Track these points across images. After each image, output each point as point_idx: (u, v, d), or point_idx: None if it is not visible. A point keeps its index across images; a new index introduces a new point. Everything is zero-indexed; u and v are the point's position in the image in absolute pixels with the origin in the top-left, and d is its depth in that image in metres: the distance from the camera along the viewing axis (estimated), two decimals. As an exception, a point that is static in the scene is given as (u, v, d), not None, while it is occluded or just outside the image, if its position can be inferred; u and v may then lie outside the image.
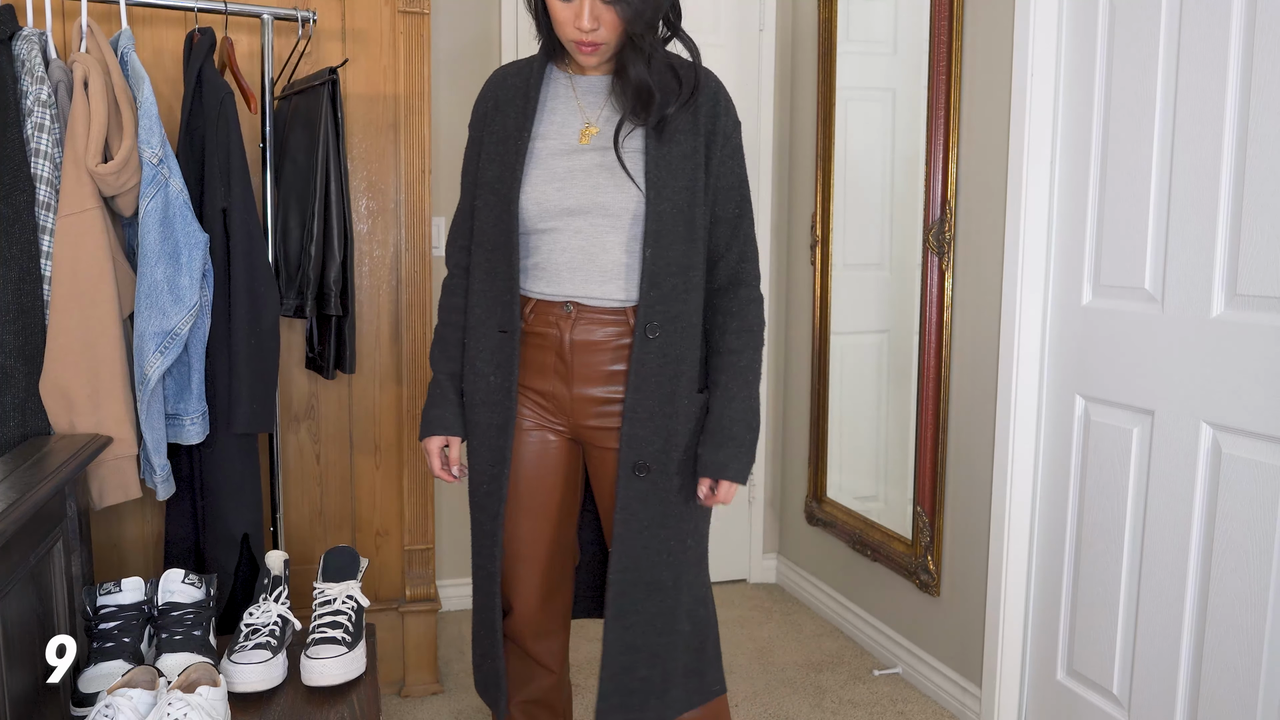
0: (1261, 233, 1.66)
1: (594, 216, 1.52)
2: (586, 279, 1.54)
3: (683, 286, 1.55)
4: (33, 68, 1.77)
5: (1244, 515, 1.71)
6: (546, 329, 1.57)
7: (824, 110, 2.91)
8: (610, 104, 1.57)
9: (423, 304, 2.43)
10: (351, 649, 1.70)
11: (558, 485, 1.64)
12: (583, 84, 1.59)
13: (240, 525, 2.05)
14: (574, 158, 1.54)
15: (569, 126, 1.56)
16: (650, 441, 1.54)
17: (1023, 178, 2.12)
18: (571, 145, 1.55)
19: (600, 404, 1.58)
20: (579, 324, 1.55)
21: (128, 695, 1.36)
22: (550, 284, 1.56)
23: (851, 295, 2.93)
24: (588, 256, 1.54)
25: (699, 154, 1.55)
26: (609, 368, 1.57)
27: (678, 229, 1.53)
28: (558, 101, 1.58)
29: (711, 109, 1.57)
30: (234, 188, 1.94)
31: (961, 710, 2.38)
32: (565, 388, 1.58)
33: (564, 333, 1.56)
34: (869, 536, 2.74)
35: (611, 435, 1.58)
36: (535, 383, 1.60)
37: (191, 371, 1.92)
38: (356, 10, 2.34)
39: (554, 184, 1.53)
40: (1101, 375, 2.01)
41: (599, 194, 1.52)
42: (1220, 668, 1.76)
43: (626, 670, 1.57)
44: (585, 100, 1.58)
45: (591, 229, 1.53)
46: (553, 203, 1.52)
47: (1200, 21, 1.75)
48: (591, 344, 1.56)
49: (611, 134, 1.53)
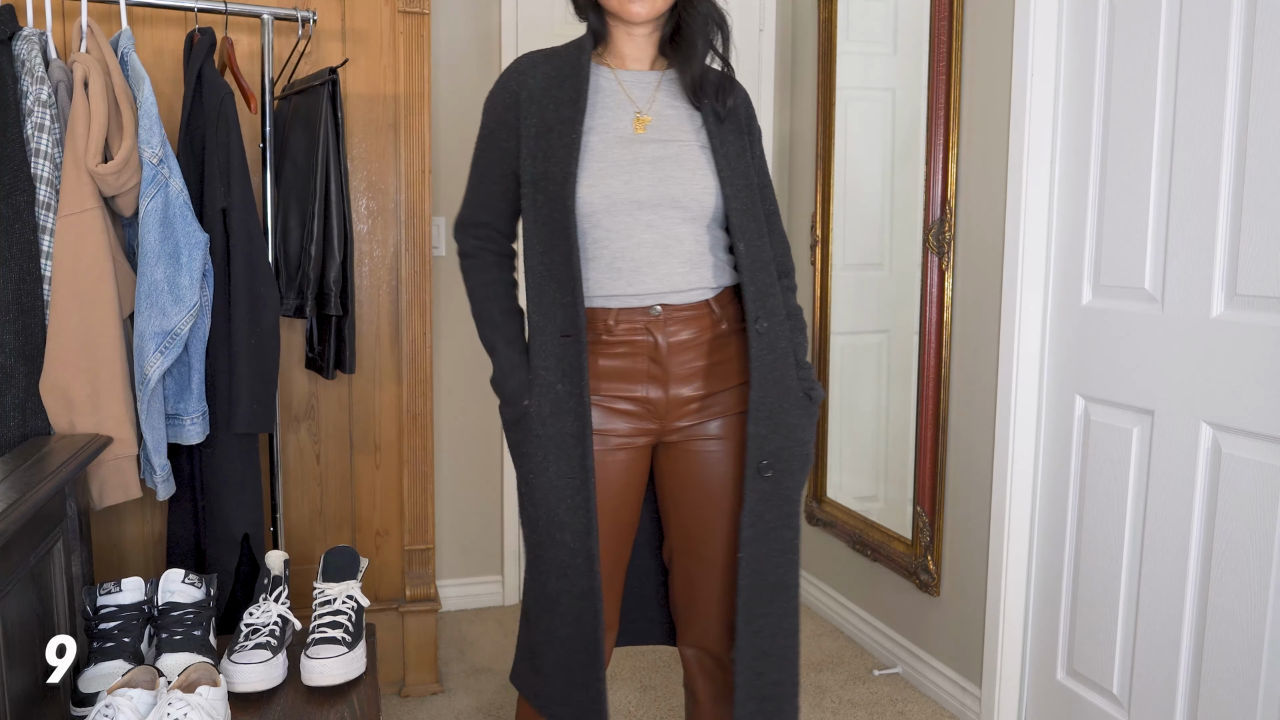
0: (1261, 233, 1.66)
1: (665, 208, 1.49)
2: (669, 272, 1.50)
3: (771, 280, 1.56)
4: (33, 68, 1.77)
5: (1244, 515, 1.71)
6: (636, 336, 1.51)
7: (824, 110, 2.91)
8: (660, 96, 1.55)
9: (422, 304, 2.43)
10: (351, 649, 1.70)
11: (634, 498, 1.58)
12: (628, 78, 1.56)
13: (241, 525, 2.05)
14: (634, 148, 1.50)
15: (621, 119, 1.53)
16: (771, 439, 1.51)
17: (1023, 178, 2.12)
18: (627, 136, 1.51)
19: (691, 402, 1.54)
20: (669, 324, 1.52)
21: (128, 695, 1.36)
22: (631, 283, 1.50)
23: (851, 295, 2.93)
24: (664, 250, 1.50)
25: (747, 153, 1.59)
26: (697, 363, 1.54)
27: (754, 223, 1.55)
28: (602, 95, 1.54)
29: (747, 110, 1.62)
30: (234, 188, 1.94)
31: (961, 710, 2.38)
32: (661, 391, 1.53)
33: (656, 336, 1.51)
34: (869, 536, 2.74)
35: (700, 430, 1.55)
36: (627, 390, 1.53)
37: (192, 371, 1.92)
38: (356, 10, 2.35)
39: (620, 176, 1.48)
40: (1101, 375, 2.01)
41: (669, 185, 1.49)
42: (1220, 668, 1.76)
43: (759, 675, 1.53)
44: (634, 93, 1.55)
45: (663, 221, 1.50)
46: (621, 195, 1.48)
47: (1200, 21, 1.75)
48: (684, 343, 1.52)
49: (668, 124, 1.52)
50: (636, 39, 1.56)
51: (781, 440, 1.52)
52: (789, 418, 1.53)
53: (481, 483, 3.07)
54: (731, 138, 1.56)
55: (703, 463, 1.56)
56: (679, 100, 1.56)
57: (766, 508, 1.51)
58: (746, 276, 1.51)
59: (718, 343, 1.54)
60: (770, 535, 1.52)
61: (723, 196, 1.51)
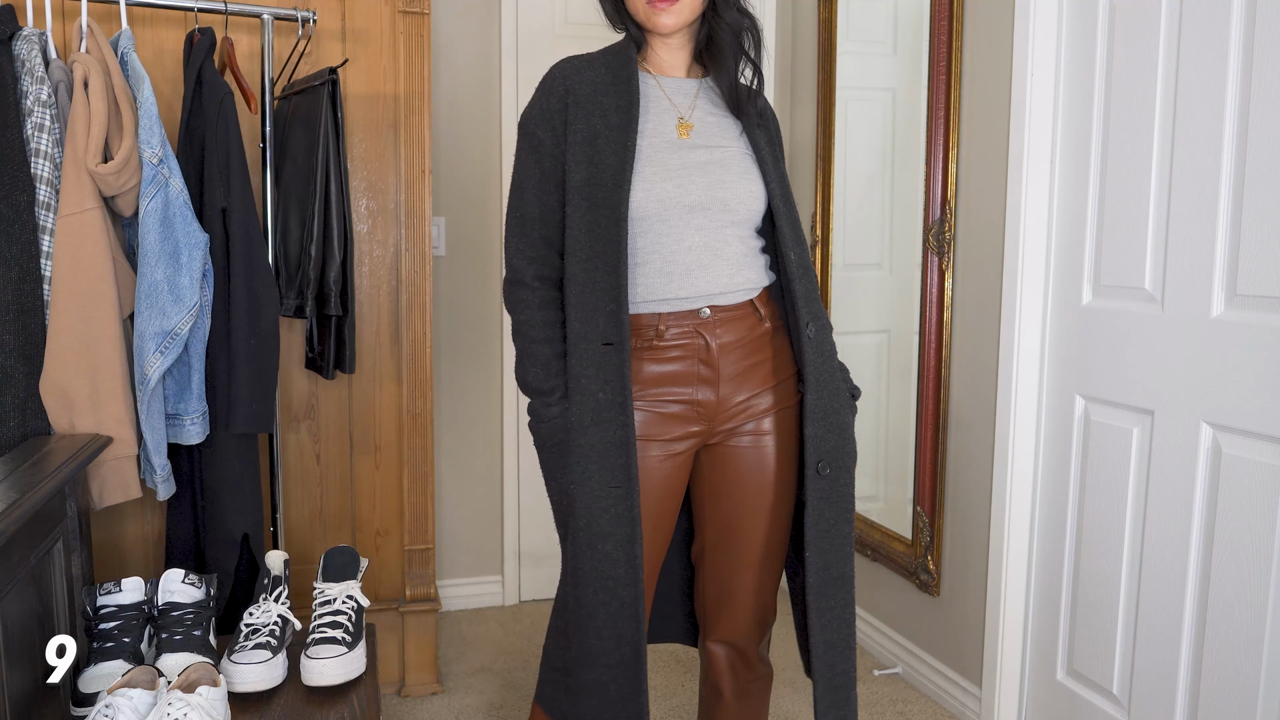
0: (1261, 233, 1.66)
1: (714, 212, 1.52)
2: (717, 274, 1.52)
3: (814, 284, 1.60)
4: (33, 68, 1.77)
5: (1244, 515, 1.71)
6: (687, 340, 1.52)
7: (824, 110, 2.91)
8: (700, 103, 1.58)
9: (422, 304, 2.43)
10: (351, 649, 1.70)
11: (676, 504, 1.60)
12: (670, 85, 1.59)
13: (240, 525, 2.05)
14: (683, 153, 1.52)
15: (666, 124, 1.54)
16: (827, 439, 1.55)
17: (1023, 178, 2.12)
18: (674, 141, 1.53)
19: (742, 402, 1.56)
20: (719, 326, 1.53)
21: (128, 695, 1.36)
22: (681, 285, 1.50)
23: (851, 295, 2.93)
24: (713, 252, 1.52)
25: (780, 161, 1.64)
26: (745, 362, 1.56)
27: (797, 229, 1.59)
28: (648, 101, 1.55)
29: (775, 121, 1.69)
30: (234, 188, 1.94)
31: (961, 710, 2.38)
32: (712, 392, 1.54)
33: (707, 338, 1.53)
34: (869, 536, 2.74)
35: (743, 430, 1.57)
36: (676, 395, 1.53)
37: (191, 371, 1.92)
38: (356, 10, 2.34)
39: (672, 180, 1.50)
40: (1101, 375, 2.01)
41: (720, 189, 1.52)
42: (1220, 668, 1.76)
43: (831, 667, 1.58)
44: (676, 99, 1.57)
45: (712, 224, 1.52)
46: (674, 199, 1.49)
47: (1200, 21, 1.75)
48: (732, 344, 1.54)
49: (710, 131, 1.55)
50: (672, 48, 1.59)
51: (836, 440, 1.57)
52: (841, 418, 1.58)
53: (481, 483, 3.07)
54: (766, 146, 1.60)
55: (746, 459, 1.59)
56: (718, 108, 1.60)
57: (827, 506, 1.56)
58: (798, 282, 1.55)
59: (761, 341, 1.58)
60: (832, 532, 1.56)
61: (768, 200, 1.56)
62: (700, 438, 1.57)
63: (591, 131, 1.49)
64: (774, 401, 1.58)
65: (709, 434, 1.57)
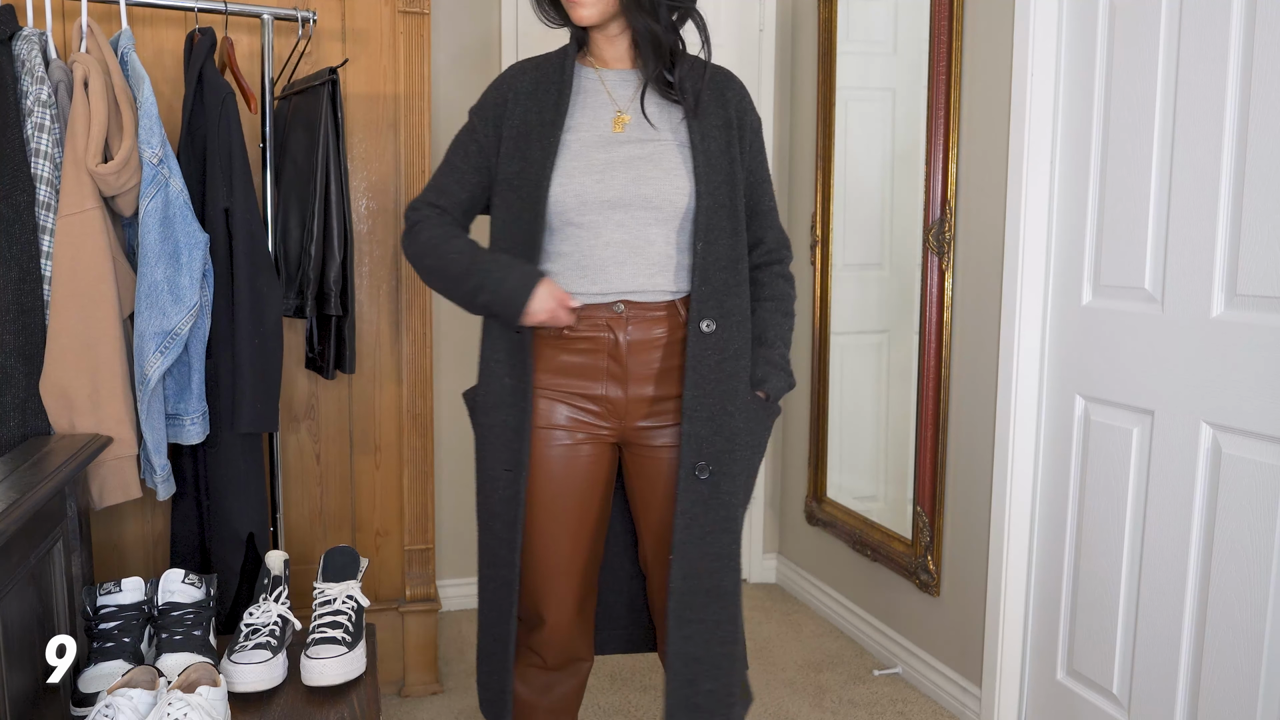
0: (1261, 233, 1.66)
1: (636, 209, 1.49)
2: (635, 273, 1.50)
3: (733, 280, 1.53)
4: (33, 68, 1.77)
5: (1244, 515, 1.71)
6: (597, 332, 1.52)
7: (824, 110, 2.91)
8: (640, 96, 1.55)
9: (422, 304, 2.43)
10: (351, 649, 1.70)
11: (594, 494, 1.58)
12: (611, 77, 1.57)
13: (245, 524, 2.05)
14: (611, 149, 1.51)
15: (601, 118, 1.53)
16: (712, 441, 1.49)
17: (1023, 178, 2.12)
18: (606, 136, 1.52)
19: (653, 403, 1.54)
20: (632, 323, 1.51)
21: (128, 695, 1.36)
22: (595, 281, 1.50)
23: (851, 295, 2.93)
24: (632, 250, 1.50)
25: (734, 148, 1.56)
26: (662, 365, 1.53)
27: (724, 222, 1.53)
28: (587, 95, 1.55)
29: (740, 105, 1.60)
30: (236, 188, 1.94)
31: (961, 710, 2.38)
32: (620, 390, 1.53)
33: (617, 333, 1.51)
34: (869, 536, 2.74)
35: (662, 434, 1.55)
36: (584, 388, 1.53)
37: (192, 371, 1.92)
38: (356, 10, 2.34)
39: (593, 175, 1.49)
40: (1101, 375, 2.01)
41: (642, 185, 1.49)
42: (1220, 668, 1.76)
43: (690, 683, 1.51)
44: (616, 92, 1.56)
45: (634, 222, 1.50)
46: (592, 195, 1.48)
47: (1200, 21, 1.76)
48: (646, 342, 1.52)
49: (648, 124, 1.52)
50: (609, 38, 1.57)
51: (722, 443, 1.50)
52: (733, 421, 1.51)
53: (481, 483, 3.07)
54: (716, 133, 1.54)
55: (662, 467, 1.56)
56: (662, 98, 1.55)
57: (703, 511, 1.49)
58: (698, 276, 1.50)
59: (680, 345, 1.54)
60: (706, 539, 1.50)
61: (696, 196, 1.50)
62: (614, 434, 1.56)
63: (525, 127, 1.52)
64: None
65: (621, 431, 1.56)
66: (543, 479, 1.55)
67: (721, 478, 1.50)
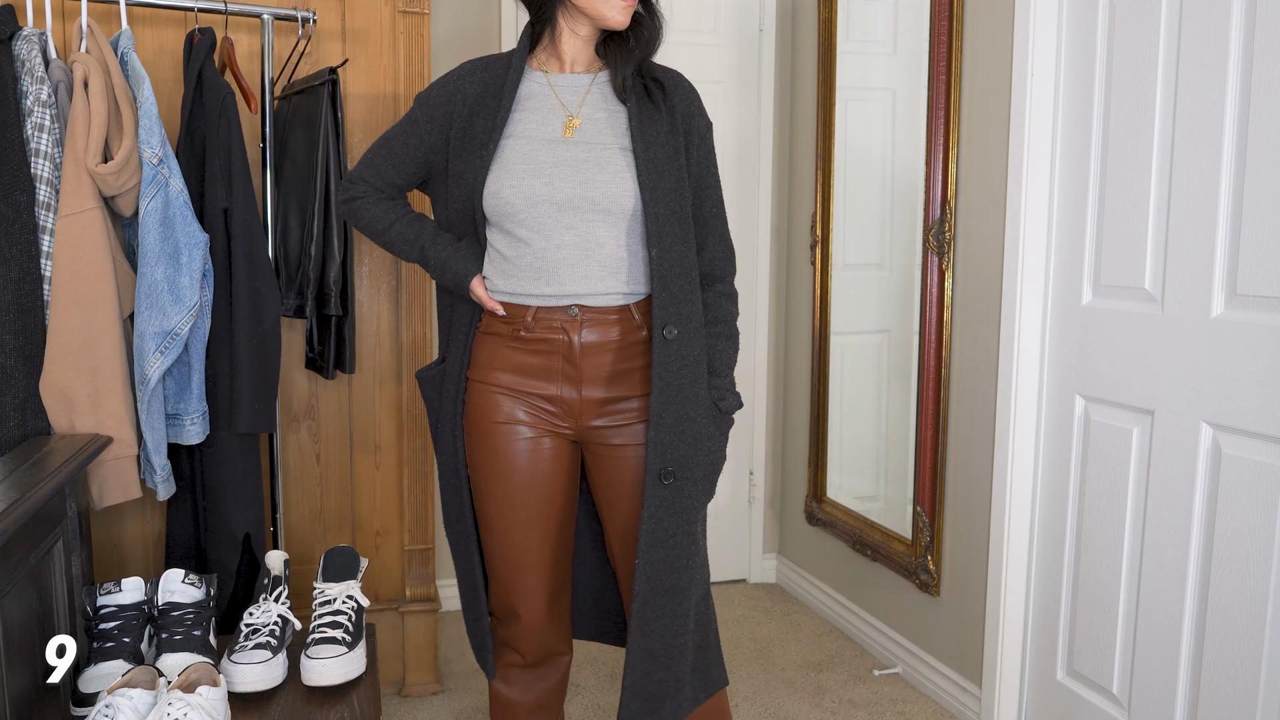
0: (1261, 233, 1.66)
1: (585, 211, 1.51)
2: (587, 274, 1.52)
3: (689, 286, 1.56)
4: (33, 68, 1.77)
5: (1244, 515, 1.71)
6: (552, 334, 1.55)
7: (824, 110, 2.91)
8: (590, 99, 1.57)
9: (422, 304, 2.43)
10: (351, 649, 1.70)
11: (557, 489, 1.62)
12: (560, 82, 1.59)
13: (242, 525, 2.05)
14: (558, 150, 1.53)
15: (549, 123, 1.55)
16: (676, 447, 1.53)
17: (1023, 178, 2.12)
18: (555, 139, 1.54)
19: (608, 403, 1.57)
20: (586, 326, 1.54)
21: (128, 695, 1.36)
22: (549, 283, 1.53)
23: (851, 295, 2.93)
24: (583, 252, 1.52)
25: (680, 155, 1.58)
26: (616, 367, 1.56)
27: (676, 229, 1.54)
28: (535, 100, 1.58)
29: (686, 109, 1.61)
30: (235, 188, 1.95)
31: (961, 710, 2.38)
32: (575, 390, 1.57)
33: (572, 336, 1.54)
34: (869, 536, 2.74)
35: (619, 434, 1.58)
36: (539, 388, 1.57)
37: (191, 371, 1.92)
38: (356, 10, 2.34)
39: (542, 177, 1.51)
40: (1101, 375, 2.01)
41: (590, 188, 1.51)
42: (1220, 668, 1.76)
43: (646, 675, 1.57)
44: (566, 98, 1.58)
45: (583, 224, 1.52)
46: (542, 196, 1.50)
47: (1200, 21, 1.76)
48: (600, 345, 1.55)
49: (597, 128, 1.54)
50: (580, 41, 1.59)
51: (685, 449, 1.53)
52: (695, 426, 1.55)
53: (481, 483, 3.07)
54: (663, 139, 1.56)
55: (623, 467, 1.59)
56: (610, 102, 1.58)
57: (667, 515, 1.53)
58: (657, 282, 1.52)
59: (635, 349, 1.57)
60: (669, 543, 1.54)
61: (641, 201, 1.52)
62: (571, 432, 1.60)
63: (470, 132, 1.57)
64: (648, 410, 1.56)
65: (578, 429, 1.60)
66: (506, 474, 1.59)
67: (685, 482, 1.54)
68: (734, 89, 3.16)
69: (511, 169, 1.52)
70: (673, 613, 1.56)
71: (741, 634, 2.90)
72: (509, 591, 1.64)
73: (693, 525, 1.56)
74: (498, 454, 1.59)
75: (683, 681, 1.61)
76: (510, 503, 1.59)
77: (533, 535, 1.60)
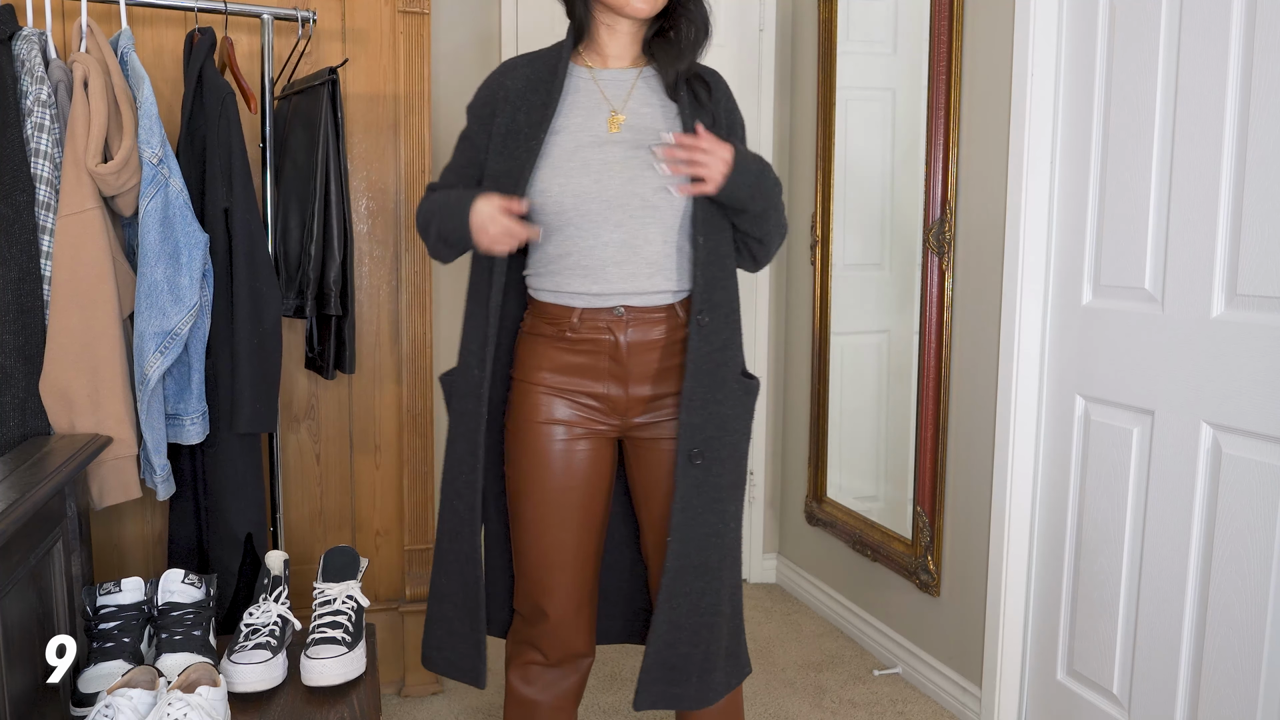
0: (1261, 233, 1.66)
1: (634, 208, 1.51)
2: (634, 273, 1.53)
3: (725, 274, 1.58)
4: (33, 68, 1.77)
5: (1244, 515, 1.71)
6: (598, 335, 1.56)
7: (824, 110, 2.91)
8: (636, 94, 1.57)
9: (423, 304, 2.43)
10: (351, 649, 1.70)
11: (593, 490, 1.62)
12: (605, 76, 1.59)
13: (243, 525, 2.05)
14: (605, 148, 1.53)
15: (595, 118, 1.55)
16: (703, 428, 1.54)
17: (1023, 178, 2.12)
18: (601, 136, 1.54)
19: (653, 399, 1.59)
20: (632, 325, 1.55)
21: (128, 695, 1.36)
22: (596, 282, 1.53)
23: (851, 295, 2.93)
24: (631, 250, 1.52)
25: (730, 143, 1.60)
26: (662, 364, 1.58)
27: (719, 219, 1.57)
28: (580, 95, 1.57)
29: (728, 106, 1.64)
30: (236, 188, 1.94)
31: (961, 710, 2.38)
32: (621, 389, 1.58)
33: (618, 335, 1.55)
34: (869, 536, 2.74)
35: (662, 427, 1.59)
36: (586, 386, 1.58)
37: (191, 371, 1.92)
38: (356, 10, 2.34)
39: (589, 175, 1.51)
40: (1101, 375, 2.01)
41: (639, 185, 1.51)
42: (1220, 668, 1.76)
43: (669, 646, 1.57)
44: (610, 92, 1.58)
45: (631, 221, 1.52)
46: (591, 194, 1.51)
47: (1200, 21, 1.76)
48: (647, 344, 1.56)
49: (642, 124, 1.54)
50: (620, 36, 1.58)
51: (714, 430, 1.55)
52: (723, 408, 1.57)
53: (481, 483, 3.07)
54: None
55: (661, 458, 1.61)
56: (656, 98, 1.59)
57: (696, 494, 1.55)
58: (700, 270, 1.53)
59: (679, 345, 1.58)
60: (697, 521, 1.56)
61: (692, 197, 1.53)
62: (615, 430, 1.61)
63: (514, 128, 1.55)
64: None
65: (623, 427, 1.61)
66: (544, 473, 1.59)
67: (712, 462, 1.56)
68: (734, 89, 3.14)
69: (558, 166, 1.52)
70: (700, 590, 1.57)
71: (741, 634, 2.90)
72: (539, 590, 1.63)
73: (722, 506, 1.58)
74: (536, 453, 1.59)
75: (713, 664, 1.62)
76: (546, 501, 1.60)
77: (566, 534, 1.61)
